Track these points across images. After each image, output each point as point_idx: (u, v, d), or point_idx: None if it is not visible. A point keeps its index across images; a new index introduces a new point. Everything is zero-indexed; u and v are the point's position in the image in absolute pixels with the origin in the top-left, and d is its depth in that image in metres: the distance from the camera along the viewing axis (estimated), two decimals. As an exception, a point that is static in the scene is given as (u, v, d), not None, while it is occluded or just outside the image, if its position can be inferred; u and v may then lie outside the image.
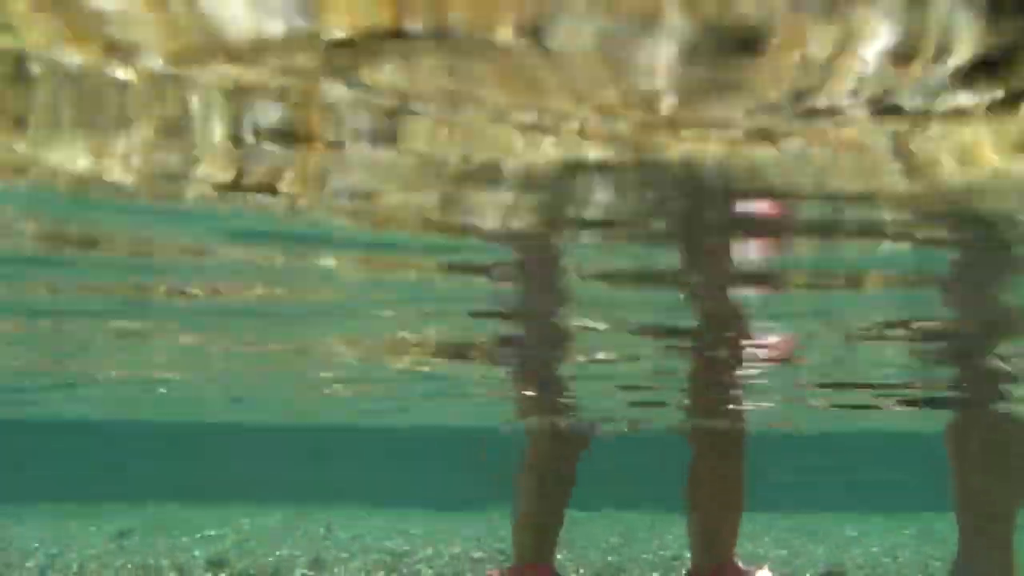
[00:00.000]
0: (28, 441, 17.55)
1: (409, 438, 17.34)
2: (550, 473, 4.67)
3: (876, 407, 5.41)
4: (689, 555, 4.95)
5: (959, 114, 1.46)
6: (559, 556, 4.80)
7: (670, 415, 5.90)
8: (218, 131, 1.61)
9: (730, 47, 1.23)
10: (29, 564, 7.36)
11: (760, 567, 4.62)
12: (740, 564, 4.57)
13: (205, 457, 21.04)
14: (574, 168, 1.70)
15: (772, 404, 5.49)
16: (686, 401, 5.43)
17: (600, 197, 1.87)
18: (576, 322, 3.13)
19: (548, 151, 1.62)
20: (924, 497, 13.51)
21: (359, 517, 13.72)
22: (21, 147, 1.71)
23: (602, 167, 1.69)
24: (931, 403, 5.61)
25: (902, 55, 1.26)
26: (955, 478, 4.44)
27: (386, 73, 1.35)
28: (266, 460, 21.02)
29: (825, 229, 2.19)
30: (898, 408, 5.67)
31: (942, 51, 1.24)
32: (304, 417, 12.68)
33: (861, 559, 8.43)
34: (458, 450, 15.78)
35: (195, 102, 1.49)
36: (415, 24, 1.19)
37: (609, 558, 8.10)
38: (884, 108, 1.44)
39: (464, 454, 14.46)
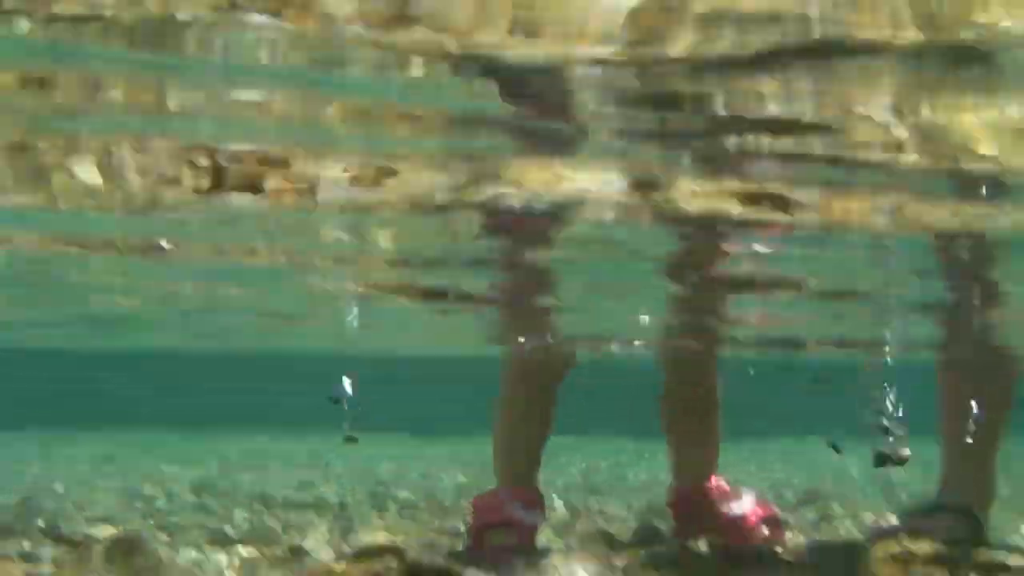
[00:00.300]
0: (7, 368, 17.53)
1: (395, 364, 17.37)
2: (527, 407, 4.65)
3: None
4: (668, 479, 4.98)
5: None
6: (542, 477, 4.81)
7: (648, 331, 5.86)
8: None
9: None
10: (13, 488, 7.38)
11: (742, 487, 4.64)
12: (722, 484, 4.59)
13: (188, 383, 21.06)
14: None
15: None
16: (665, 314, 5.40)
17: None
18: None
19: None
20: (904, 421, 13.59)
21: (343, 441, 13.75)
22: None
23: None
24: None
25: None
26: (943, 399, 4.47)
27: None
28: (251, 386, 21.06)
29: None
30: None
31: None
32: (291, 343, 12.68)
33: (840, 482, 8.51)
34: (446, 375, 15.79)
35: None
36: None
37: (593, 480, 8.16)
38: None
39: (450, 379, 14.47)
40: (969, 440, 4.40)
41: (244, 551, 4.25)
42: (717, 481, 4.59)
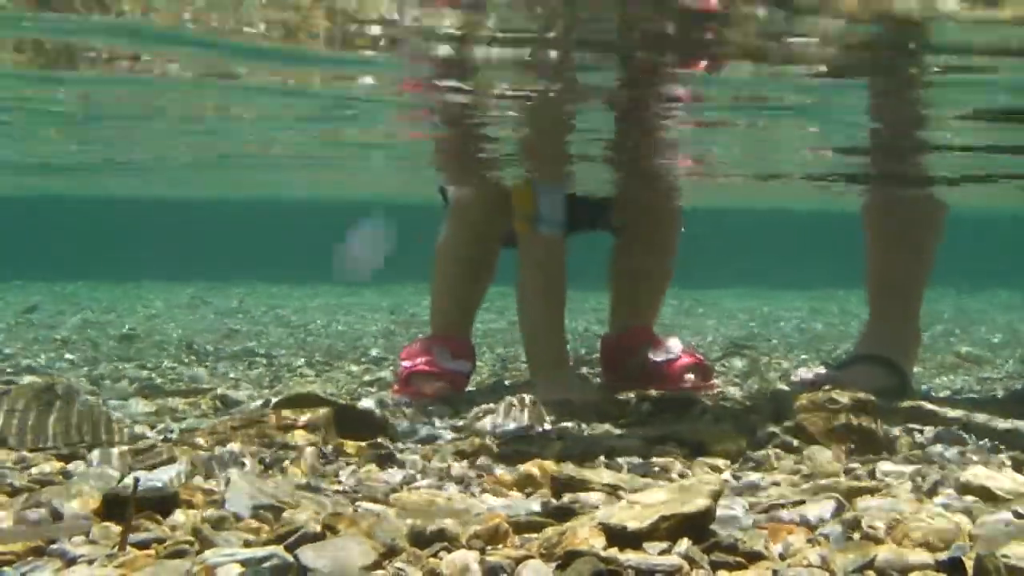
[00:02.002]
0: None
1: (321, 211, 17.25)
2: (464, 256, 4.60)
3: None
4: (596, 329, 4.98)
5: None
6: (476, 327, 4.81)
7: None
8: None
9: None
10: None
11: (671, 336, 4.66)
12: (651, 333, 4.60)
13: (114, 234, 20.82)
14: None
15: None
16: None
17: None
18: None
19: None
20: (829, 273, 13.78)
21: (271, 293, 13.73)
22: None
23: None
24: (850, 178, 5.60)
25: None
26: (869, 253, 4.49)
27: None
28: (176, 237, 20.87)
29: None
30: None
31: None
32: (216, 191, 12.53)
33: (768, 332, 8.61)
34: (375, 223, 15.67)
35: None
36: None
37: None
38: None
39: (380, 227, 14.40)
40: (894, 287, 4.44)
41: (171, 401, 4.22)
42: (646, 330, 4.61)
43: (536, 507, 2.28)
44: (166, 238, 20.71)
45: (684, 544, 1.98)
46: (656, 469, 2.80)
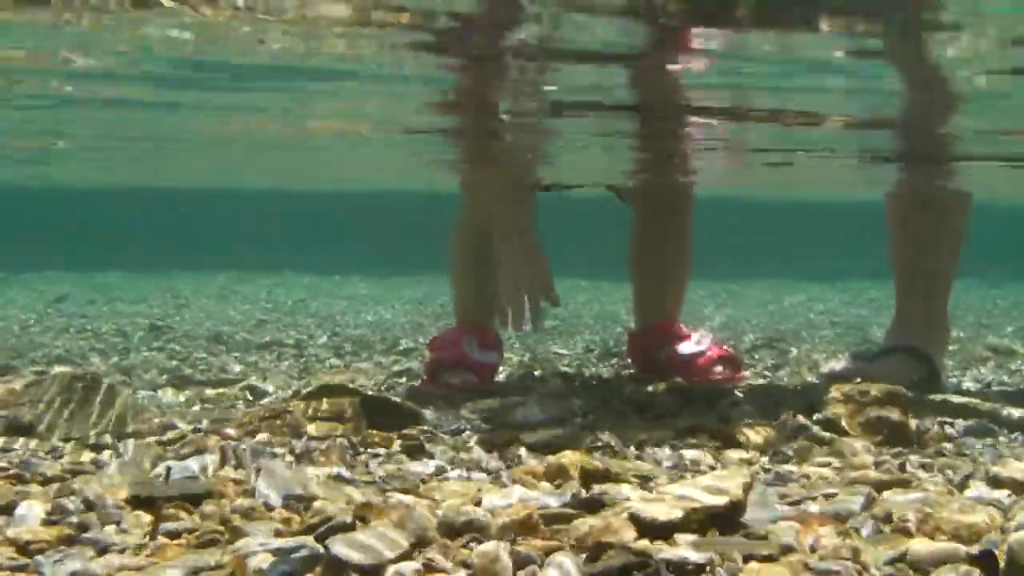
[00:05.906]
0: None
1: (349, 203, 17.26)
2: (482, 245, 4.57)
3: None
4: (626, 320, 4.96)
5: None
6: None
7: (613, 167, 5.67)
8: None
9: None
10: (-33, 328, 7.33)
11: (698, 329, 4.63)
12: (679, 325, 4.58)
13: (144, 225, 20.91)
14: None
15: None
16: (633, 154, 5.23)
17: None
18: None
19: None
20: (859, 264, 13.71)
21: (300, 284, 13.75)
22: None
23: None
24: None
25: None
26: (894, 244, 4.46)
27: None
28: (207, 228, 20.93)
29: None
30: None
31: None
32: (245, 182, 12.56)
33: (798, 324, 8.57)
34: (400, 214, 15.69)
35: None
36: None
37: (549, 321, 8.17)
38: None
39: (405, 219, 14.39)
40: (921, 278, 4.40)
41: (201, 391, 4.24)
42: (675, 323, 4.58)
43: (566, 498, 2.28)
44: (196, 228, 20.78)
45: (714, 536, 1.97)
46: (686, 461, 2.80)
